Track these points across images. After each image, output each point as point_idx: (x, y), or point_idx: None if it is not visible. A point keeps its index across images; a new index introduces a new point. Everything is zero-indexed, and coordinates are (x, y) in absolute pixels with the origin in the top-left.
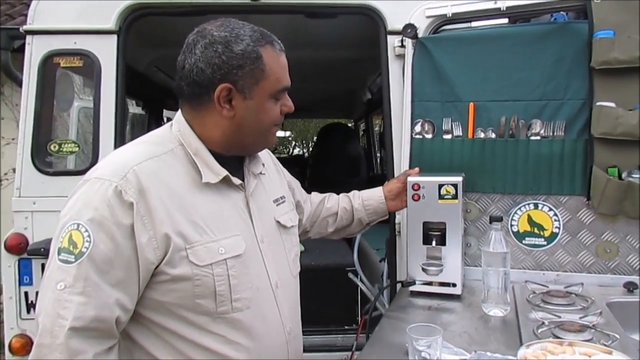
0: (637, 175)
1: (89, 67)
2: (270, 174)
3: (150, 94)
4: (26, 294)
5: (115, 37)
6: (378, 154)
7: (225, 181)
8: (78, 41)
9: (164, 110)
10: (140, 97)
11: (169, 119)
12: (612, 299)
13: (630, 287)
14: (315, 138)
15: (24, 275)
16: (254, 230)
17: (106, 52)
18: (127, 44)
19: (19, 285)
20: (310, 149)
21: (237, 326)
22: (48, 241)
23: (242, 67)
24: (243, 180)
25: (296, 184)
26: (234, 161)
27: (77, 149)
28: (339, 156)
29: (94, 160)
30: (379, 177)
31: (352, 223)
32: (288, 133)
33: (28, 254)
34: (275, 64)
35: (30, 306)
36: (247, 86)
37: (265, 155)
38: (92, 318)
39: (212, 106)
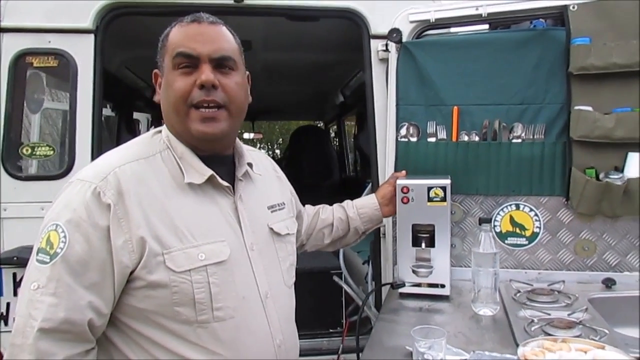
0: (614, 176)
1: (64, 68)
2: (267, 180)
3: (120, 95)
4: None
5: (92, 36)
6: (351, 156)
7: (211, 184)
8: (53, 40)
9: (134, 113)
10: (111, 99)
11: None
12: (592, 295)
13: (608, 283)
14: (281, 140)
15: None
16: (242, 237)
17: (83, 52)
18: (105, 44)
19: None
20: (277, 151)
21: (219, 337)
22: (21, 249)
23: (160, 51)
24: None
25: (294, 193)
26: (224, 167)
27: (52, 152)
28: (312, 158)
29: (70, 164)
30: (352, 179)
31: (348, 233)
32: (252, 135)
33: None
34: (177, 34)
35: (1, 318)
36: (161, 67)
37: (265, 160)
38: (62, 320)
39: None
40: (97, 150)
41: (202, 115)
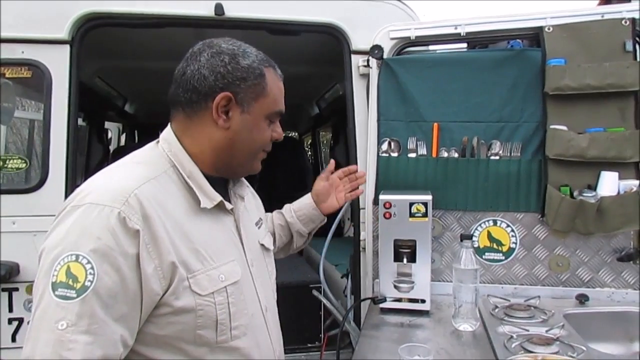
0: (588, 194)
1: (38, 79)
2: (249, 196)
3: (92, 105)
4: None
5: (67, 47)
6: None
7: (217, 205)
8: (26, 50)
9: (105, 122)
10: (82, 109)
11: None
12: (567, 310)
13: (582, 299)
14: None
15: None
16: (244, 255)
17: (57, 63)
18: (80, 54)
19: None
20: None
21: (234, 354)
22: None
23: (245, 80)
24: (230, 202)
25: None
26: (221, 183)
27: (24, 165)
28: (287, 169)
29: (44, 177)
30: None
31: (292, 238)
32: None
33: None
34: (275, 86)
35: None
36: (246, 100)
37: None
38: (99, 358)
39: (207, 115)
40: (72, 162)
41: (264, 157)
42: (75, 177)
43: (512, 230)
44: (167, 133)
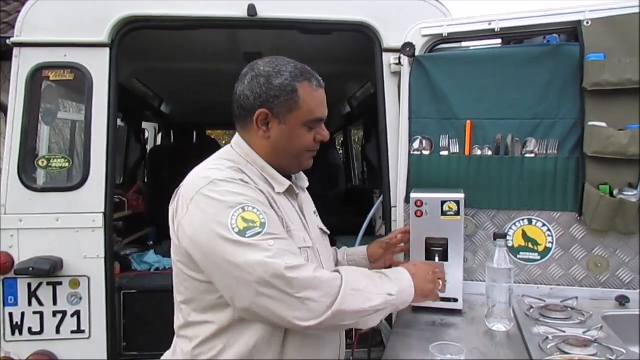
0: (629, 193)
1: (79, 81)
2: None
3: (129, 106)
4: (11, 315)
5: (107, 50)
6: (357, 166)
7: (287, 191)
8: (68, 54)
9: (143, 123)
10: (120, 109)
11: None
12: (606, 312)
13: (622, 301)
14: None
15: (9, 295)
16: (309, 234)
17: (98, 65)
18: (119, 57)
19: (4, 306)
20: None
21: None
22: (36, 260)
23: (278, 97)
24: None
25: None
26: (285, 177)
27: (67, 164)
28: (319, 167)
29: (85, 176)
30: (359, 190)
31: None
32: None
33: (15, 273)
34: (310, 97)
35: (15, 328)
36: (281, 113)
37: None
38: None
39: (253, 128)
40: (112, 162)
41: (312, 155)
42: (114, 175)
43: (549, 230)
44: (237, 138)
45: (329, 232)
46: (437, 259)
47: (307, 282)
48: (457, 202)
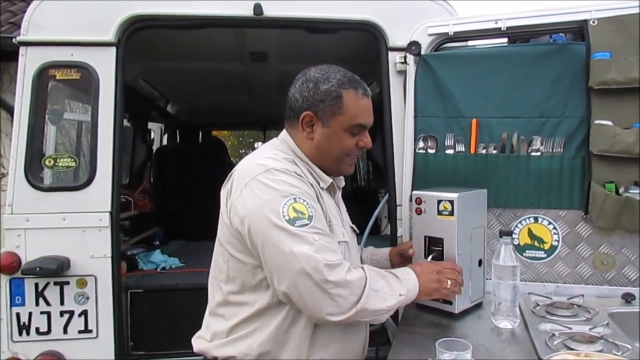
0: (635, 191)
1: (86, 80)
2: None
3: (136, 106)
4: (18, 315)
5: (114, 49)
6: (362, 166)
7: (328, 188)
8: (75, 53)
9: (149, 123)
10: (126, 109)
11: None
12: (612, 309)
13: (628, 298)
14: None
15: (16, 295)
16: (346, 230)
17: (104, 64)
18: (125, 56)
19: (11, 306)
20: None
21: None
22: (43, 259)
23: (323, 102)
24: None
25: None
26: None
27: (74, 163)
28: None
29: (92, 175)
30: (364, 189)
31: None
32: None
33: (22, 273)
34: (354, 104)
35: (23, 328)
36: (325, 117)
37: None
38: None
39: (299, 128)
40: (118, 161)
41: (352, 162)
42: (121, 175)
43: (555, 228)
44: (285, 134)
45: (358, 232)
46: (430, 258)
47: (340, 281)
48: (452, 202)
